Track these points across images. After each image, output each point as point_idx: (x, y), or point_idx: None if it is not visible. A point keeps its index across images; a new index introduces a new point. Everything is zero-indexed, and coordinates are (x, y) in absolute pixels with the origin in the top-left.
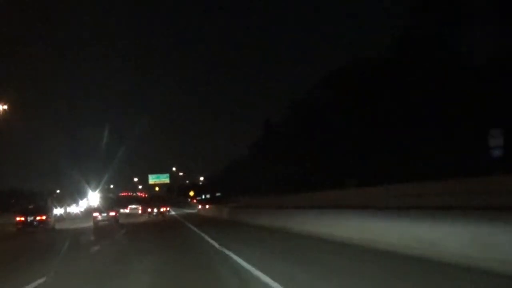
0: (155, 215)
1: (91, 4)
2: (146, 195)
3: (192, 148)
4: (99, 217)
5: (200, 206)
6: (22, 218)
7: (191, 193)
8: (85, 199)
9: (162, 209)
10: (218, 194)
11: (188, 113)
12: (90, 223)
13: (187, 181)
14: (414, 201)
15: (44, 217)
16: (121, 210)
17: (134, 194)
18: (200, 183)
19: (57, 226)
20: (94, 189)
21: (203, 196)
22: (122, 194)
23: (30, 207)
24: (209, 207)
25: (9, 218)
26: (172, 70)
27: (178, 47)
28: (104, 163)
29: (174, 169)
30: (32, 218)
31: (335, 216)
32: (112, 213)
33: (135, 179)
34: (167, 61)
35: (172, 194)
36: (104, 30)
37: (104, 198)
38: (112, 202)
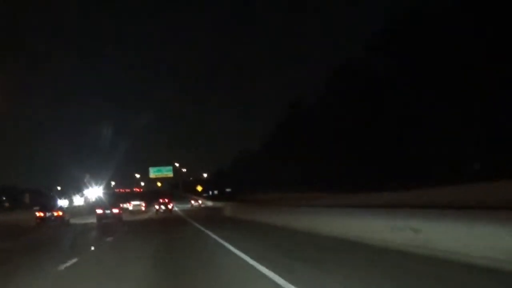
0: (162, 211)
1: (93, 0)
2: (141, 190)
3: (195, 145)
4: (102, 215)
5: (192, 201)
6: (42, 214)
7: (199, 188)
8: (72, 197)
9: (169, 206)
10: (228, 189)
11: (189, 111)
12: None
13: (191, 178)
14: None
15: (61, 213)
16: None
17: (134, 190)
18: (204, 180)
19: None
20: (93, 186)
21: (210, 192)
22: (119, 191)
23: (6, 204)
24: (201, 202)
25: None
26: (174, 61)
27: (182, 35)
28: (104, 160)
29: (177, 165)
30: (50, 213)
31: None
32: (115, 210)
33: (137, 176)
34: (170, 51)
35: (177, 190)
36: (106, 24)
37: (103, 194)
38: (111, 198)
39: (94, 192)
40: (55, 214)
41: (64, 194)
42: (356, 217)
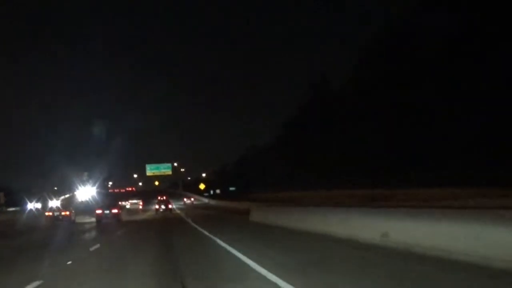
0: (162, 211)
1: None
2: (134, 189)
3: (193, 145)
4: (101, 215)
5: (185, 199)
6: (51, 213)
7: (202, 186)
8: (47, 200)
9: (169, 206)
10: (232, 188)
11: (189, 110)
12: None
13: (189, 178)
14: None
15: (68, 213)
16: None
17: (127, 189)
18: (204, 179)
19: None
20: (86, 186)
21: (211, 191)
22: (113, 190)
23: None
24: (193, 200)
25: None
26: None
27: (182, 29)
28: (98, 160)
29: (176, 164)
30: (58, 213)
31: None
32: (115, 210)
33: (135, 176)
34: (169, 48)
35: (177, 189)
36: (106, 24)
37: (97, 193)
38: (105, 198)
39: (87, 191)
40: (63, 213)
41: (37, 196)
42: None
